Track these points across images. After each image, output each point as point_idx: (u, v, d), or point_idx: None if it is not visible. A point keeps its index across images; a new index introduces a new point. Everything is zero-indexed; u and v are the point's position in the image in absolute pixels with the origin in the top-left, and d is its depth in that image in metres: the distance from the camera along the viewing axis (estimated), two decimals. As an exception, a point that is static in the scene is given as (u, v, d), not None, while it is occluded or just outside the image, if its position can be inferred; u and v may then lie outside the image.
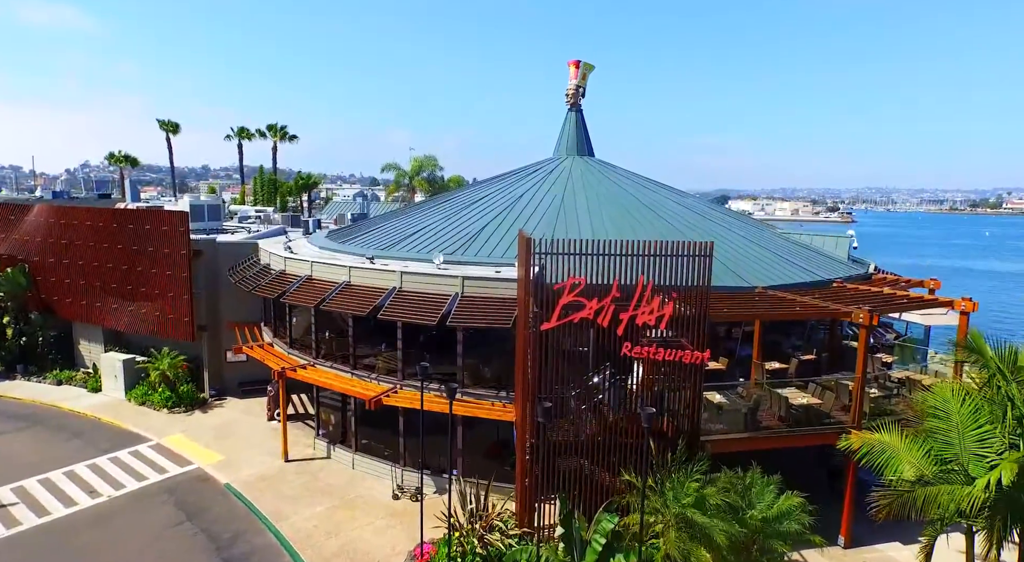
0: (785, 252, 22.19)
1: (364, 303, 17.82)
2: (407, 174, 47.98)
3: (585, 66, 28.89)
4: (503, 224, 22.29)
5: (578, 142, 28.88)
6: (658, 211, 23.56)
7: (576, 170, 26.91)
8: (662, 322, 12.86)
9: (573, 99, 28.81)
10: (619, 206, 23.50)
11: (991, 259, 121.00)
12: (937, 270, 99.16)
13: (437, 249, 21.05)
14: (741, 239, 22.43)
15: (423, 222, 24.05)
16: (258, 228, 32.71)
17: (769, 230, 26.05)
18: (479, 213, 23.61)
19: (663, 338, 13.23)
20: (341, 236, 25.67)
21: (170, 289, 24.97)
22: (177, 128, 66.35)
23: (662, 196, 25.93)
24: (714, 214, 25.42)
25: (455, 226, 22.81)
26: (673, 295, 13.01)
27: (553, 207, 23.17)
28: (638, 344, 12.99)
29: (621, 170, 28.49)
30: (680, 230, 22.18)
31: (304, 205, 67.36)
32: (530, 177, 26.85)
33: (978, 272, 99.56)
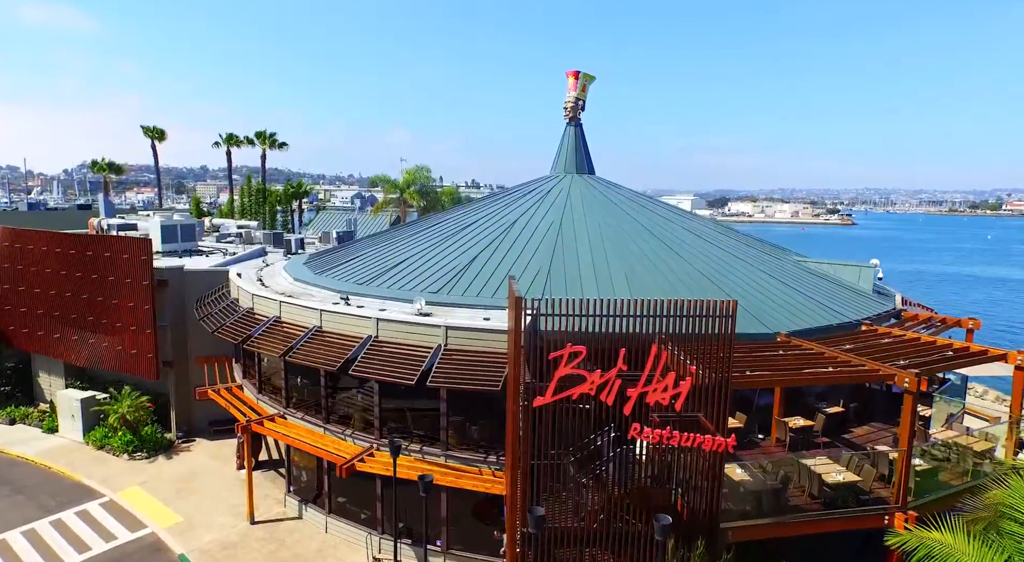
0: (806, 287, 20.13)
1: (335, 355, 15.72)
2: (398, 186, 45.91)
3: (585, 77, 26.85)
4: (494, 256, 20.20)
5: (577, 159, 26.82)
6: (665, 239, 21.49)
7: (575, 190, 24.85)
8: (678, 401, 10.80)
9: (572, 112, 26.77)
10: (622, 234, 21.42)
11: (998, 265, 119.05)
12: (944, 278, 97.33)
13: (420, 286, 18.98)
14: (758, 272, 20.37)
15: (407, 251, 21.96)
16: (236, 250, 30.61)
17: (785, 257, 23.98)
18: (468, 241, 21.53)
19: (678, 415, 11.17)
20: (320, 264, 23.57)
21: (132, 322, 22.86)
22: (163, 135, 64.18)
23: (667, 220, 23.86)
24: (725, 240, 23.35)
25: (441, 257, 20.72)
26: (692, 369, 10.94)
27: (550, 236, 21.08)
28: (648, 425, 10.93)
29: (623, 190, 26.44)
30: (688, 260, 20.15)
31: (295, 214, 65.32)
32: (525, 199, 24.78)
33: (986, 280, 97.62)
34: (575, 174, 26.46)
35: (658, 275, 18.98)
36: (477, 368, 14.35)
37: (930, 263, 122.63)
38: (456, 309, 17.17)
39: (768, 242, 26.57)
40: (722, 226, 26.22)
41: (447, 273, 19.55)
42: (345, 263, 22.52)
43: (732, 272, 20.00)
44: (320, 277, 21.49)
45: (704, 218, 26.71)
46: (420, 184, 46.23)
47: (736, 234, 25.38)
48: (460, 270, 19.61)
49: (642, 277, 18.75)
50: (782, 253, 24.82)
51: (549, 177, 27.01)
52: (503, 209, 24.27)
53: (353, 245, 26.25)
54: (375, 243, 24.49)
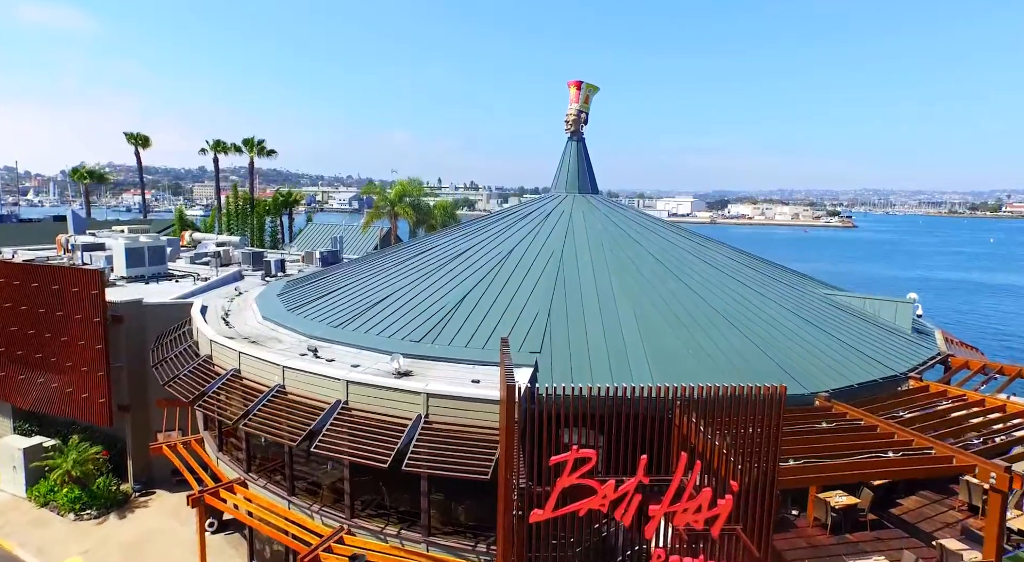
0: (839, 328, 17.75)
1: (297, 425, 13.32)
2: (389, 199, 43.50)
3: (588, 88, 24.52)
4: (487, 293, 17.81)
5: (579, 177, 24.48)
6: (677, 271, 19.10)
7: (577, 213, 22.48)
8: (715, 525, 8.41)
9: (574, 126, 24.44)
10: (629, 265, 19.04)
11: (1004, 271, 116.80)
12: (953, 286, 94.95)
13: (402, 331, 16.58)
14: (783, 312, 17.99)
15: (390, 284, 19.55)
16: (211, 273, 28.17)
17: (808, 288, 21.61)
18: (459, 275, 19.13)
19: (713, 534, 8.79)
20: (295, 298, 21.16)
21: (82, 362, 20.44)
22: (147, 141, 61.73)
23: (677, 247, 21.47)
24: (742, 270, 20.97)
25: (428, 294, 18.32)
26: (734, 485, 8.56)
27: (550, 269, 18.69)
28: (676, 552, 8.55)
29: (628, 212, 24.10)
30: (705, 298, 17.78)
31: (289, 221, 62.84)
32: (523, 222, 22.41)
33: (995, 288, 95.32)
34: (577, 194, 24.13)
35: (671, 317, 16.59)
36: (462, 449, 11.95)
37: (936, 269, 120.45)
38: (441, 364, 14.77)
39: (792, 271, 24.21)
40: (736, 252, 23.85)
41: (433, 315, 17.15)
42: (321, 298, 20.10)
43: (755, 312, 17.62)
44: (291, 316, 19.08)
45: (717, 243, 24.32)
46: (412, 197, 43.83)
47: (753, 261, 22.99)
48: (448, 312, 17.20)
49: (654, 320, 16.37)
50: (804, 283, 22.45)
51: (549, 197, 24.65)
52: (499, 234, 21.89)
53: (334, 272, 23.83)
54: (356, 273, 22.08)
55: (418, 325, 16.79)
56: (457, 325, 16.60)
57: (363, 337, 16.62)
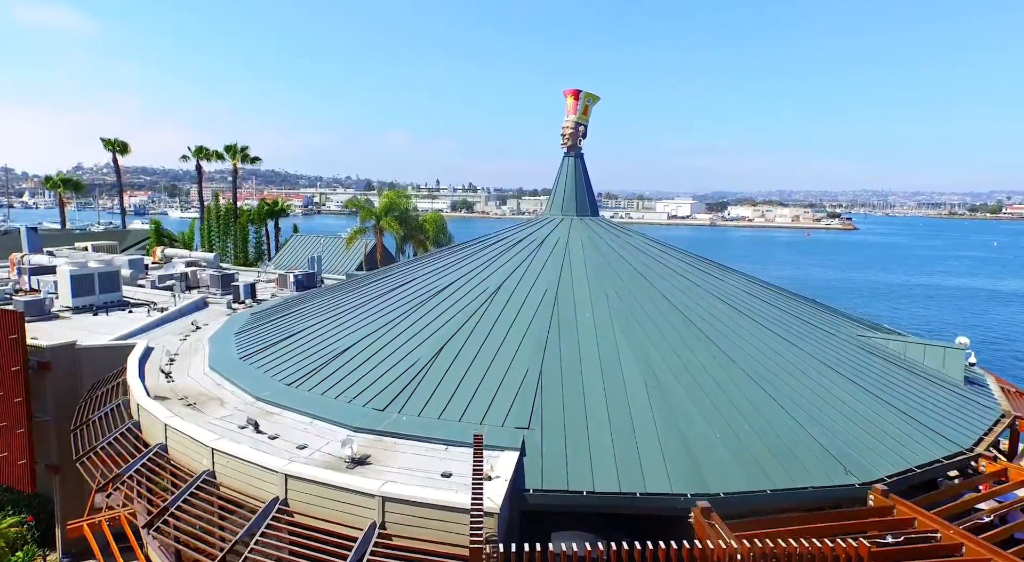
0: (884, 387, 15.00)
1: (227, 531, 10.58)
2: (374, 213, 40.70)
3: (587, 97, 21.86)
4: (468, 345, 15.06)
5: (578, 198, 21.78)
6: (693, 316, 16.36)
7: (575, 240, 19.78)
8: None
9: (571, 140, 21.76)
10: (636, 308, 16.31)
11: (1014, 278, 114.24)
12: (967, 294, 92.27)
13: (365, 394, 13.85)
14: (818, 366, 15.25)
15: (358, 329, 16.81)
16: (173, 300, 25.42)
17: (839, 326, 18.89)
18: (436, 319, 16.39)
19: None
20: (253, 339, 18.44)
21: (1, 417, 17.71)
22: (125, 148, 58.98)
23: (691, 283, 18.73)
24: (768, 310, 18.24)
25: (399, 344, 15.59)
26: None
27: (543, 313, 15.96)
28: None
29: (632, 237, 21.34)
30: (726, 351, 15.06)
31: (271, 235, 60.12)
32: (514, 251, 19.68)
33: (1007, 296, 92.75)
34: (575, 217, 21.42)
35: (687, 379, 13.85)
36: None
37: (946, 275, 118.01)
38: (407, 444, 12.05)
39: (815, 303, 21.49)
40: (754, 283, 21.14)
41: (403, 373, 14.40)
42: (279, 344, 17.34)
43: (787, 369, 14.87)
44: (242, 367, 16.33)
45: (735, 273, 21.61)
46: (398, 210, 41.04)
47: (773, 295, 20.27)
48: (421, 369, 14.45)
49: (667, 384, 13.62)
50: (833, 320, 19.72)
51: (543, 220, 21.92)
52: (485, 266, 19.16)
53: (300, 308, 21.08)
54: (323, 311, 19.35)
55: (384, 386, 14.04)
56: (430, 387, 13.85)
57: (319, 402, 13.87)
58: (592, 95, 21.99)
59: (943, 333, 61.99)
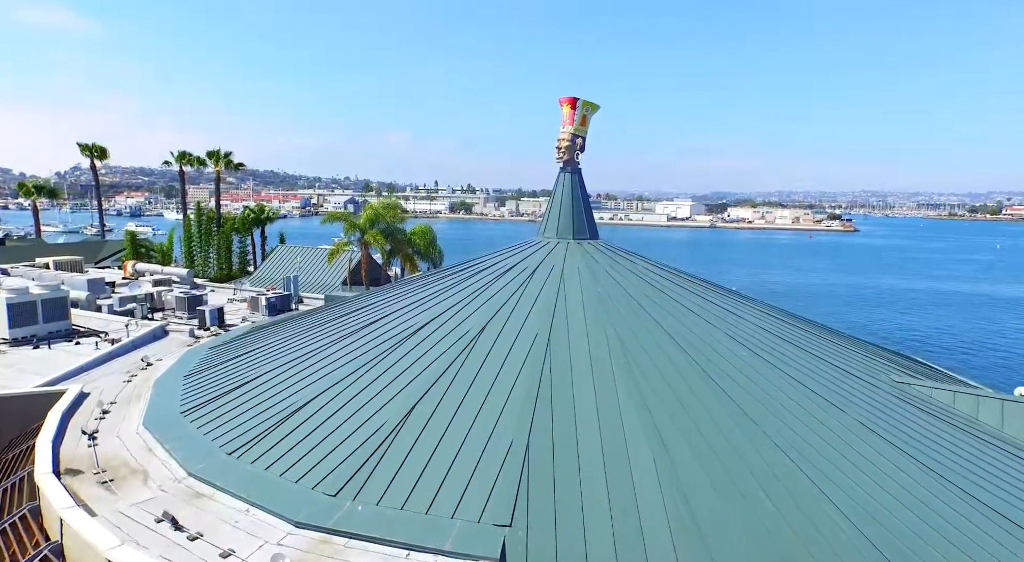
0: (941, 458, 12.65)
1: None
2: (358, 226, 38.22)
3: (585, 106, 19.57)
4: (442, 408, 12.71)
5: (575, 219, 19.49)
6: (711, 369, 14.02)
7: (571, 269, 17.46)
8: None
9: (567, 154, 19.48)
10: (644, 359, 13.96)
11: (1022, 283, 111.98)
12: (984, 301, 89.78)
13: (317, 470, 11.49)
14: (869, 436, 12.89)
15: (317, 380, 14.47)
16: (120, 334, 23.03)
17: (875, 366, 16.56)
18: (406, 370, 14.04)
19: None
20: (199, 389, 16.09)
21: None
22: (104, 152, 56.52)
23: (704, 319, 16.40)
24: (794, 355, 15.91)
25: (361, 402, 13.24)
26: None
27: (532, 363, 13.61)
28: None
29: (636, 263, 18.99)
30: (754, 418, 12.73)
31: (256, 244, 57.75)
32: (501, 282, 17.36)
33: (1018, 301, 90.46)
34: (571, 240, 19.12)
35: (706, 453, 11.49)
36: None
37: (953, 280, 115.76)
38: (359, 547, 9.69)
39: (843, 336, 19.16)
40: (776, 315, 18.82)
41: (363, 443, 12.04)
42: (227, 395, 14.99)
43: (817, 430, 12.54)
44: (182, 424, 13.98)
45: (752, 303, 19.30)
46: (384, 223, 38.61)
47: (799, 330, 17.93)
48: (386, 437, 12.10)
49: (683, 461, 11.27)
50: (866, 358, 17.39)
51: (536, 244, 19.59)
52: (469, 299, 16.83)
53: (262, 344, 18.72)
54: (284, 351, 17.00)
55: (341, 459, 11.68)
56: (395, 461, 11.49)
57: (260, 480, 11.50)
58: (591, 104, 19.70)
59: (964, 350, 59.69)
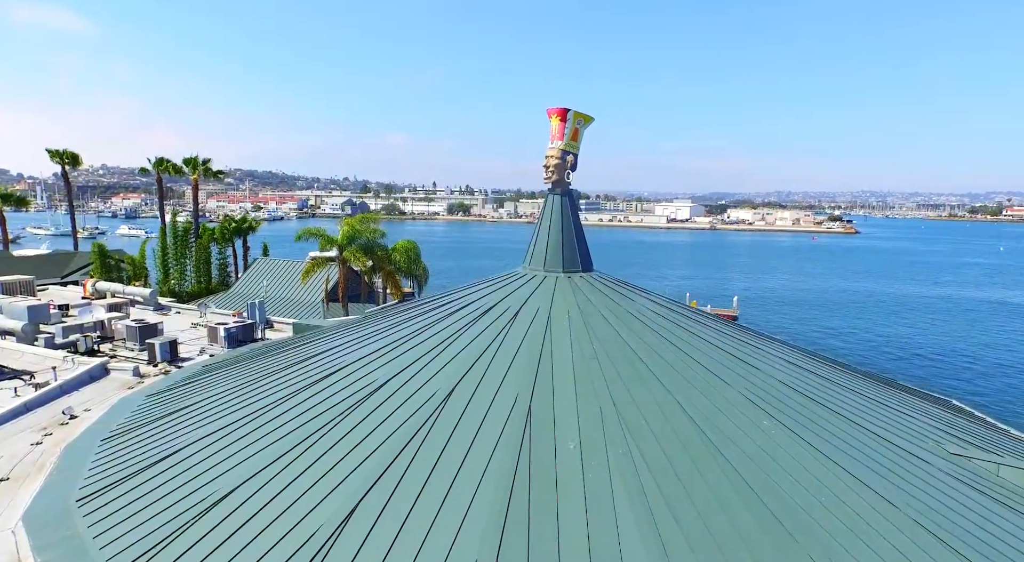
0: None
1: None
2: (335, 242, 35.41)
3: (577, 118, 16.98)
4: (391, 508, 10.08)
5: (565, 249, 16.87)
6: (734, 456, 11.42)
7: (560, 312, 14.87)
8: None
9: (556, 174, 16.95)
10: (646, 432, 11.37)
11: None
12: (1005, 308, 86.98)
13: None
14: (933, 545, 10.28)
15: (242, 463, 11.83)
16: (53, 374, 20.39)
17: (924, 430, 13.95)
18: (355, 450, 11.42)
19: None
20: (113, 458, 13.47)
21: None
22: (76, 159, 53.80)
23: (720, 377, 13.79)
24: (832, 424, 13.28)
25: (294, 495, 10.61)
26: None
27: (507, 447, 10.98)
28: None
29: (636, 301, 16.36)
30: (783, 521, 10.11)
31: (239, 255, 55.06)
32: (479, 327, 14.77)
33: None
34: (560, 273, 16.51)
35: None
36: None
37: (962, 285, 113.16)
38: None
39: (880, 377, 16.52)
40: (801, 363, 16.19)
41: (289, 558, 9.42)
42: (137, 477, 12.35)
43: (863, 533, 9.94)
44: (70, 518, 11.33)
45: (773, 346, 16.68)
46: (363, 239, 35.90)
47: (830, 383, 15.30)
48: (318, 550, 9.47)
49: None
50: (912, 420, 14.76)
51: (520, 277, 16.96)
52: (440, 349, 14.22)
53: (198, 400, 16.07)
54: (217, 414, 14.36)
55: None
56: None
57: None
58: (584, 116, 17.08)
59: (1005, 374, 56.54)
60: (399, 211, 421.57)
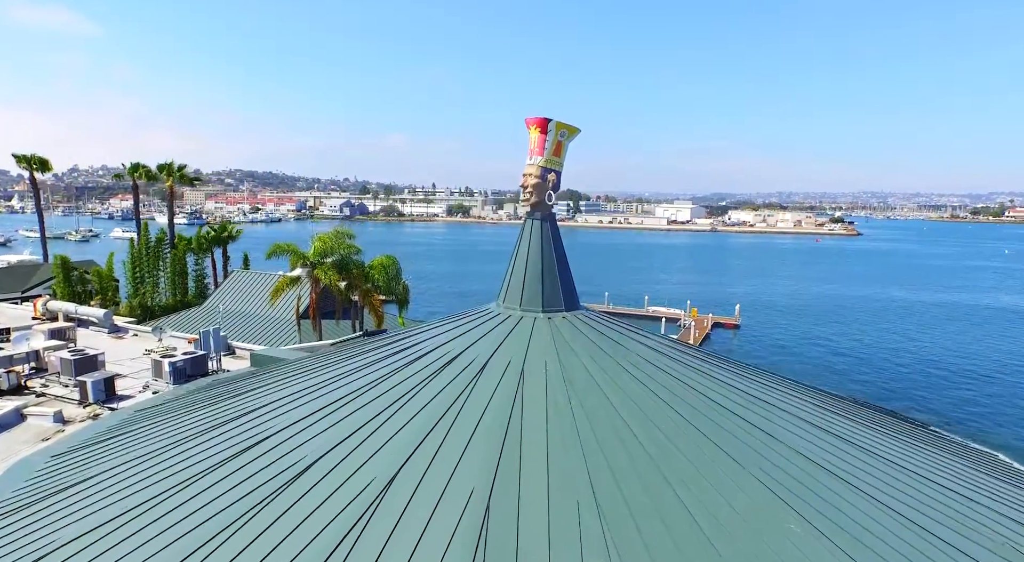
0: None
1: None
2: (307, 258, 32.69)
3: (561, 130, 14.48)
4: None
5: (545, 284, 14.35)
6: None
7: (536, 363, 12.37)
8: None
9: (535, 194, 14.49)
10: (637, 539, 8.78)
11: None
12: (1002, 316, 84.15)
13: None
14: None
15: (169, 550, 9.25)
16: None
17: (980, 509, 11.37)
18: (269, 556, 8.84)
19: None
20: (5, 538, 10.86)
21: None
22: (45, 164, 51.15)
23: (731, 451, 11.20)
24: (871, 517, 10.67)
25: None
26: None
27: None
28: None
29: (629, 350, 13.75)
30: None
31: (217, 266, 52.45)
32: (438, 384, 12.23)
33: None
34: (539, 313, 13.98)
35: None
36: None
37: (974, 291, 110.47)
38: None
39: (920, 424, 13.90)
40: (828, 425, 13.57)
41: None
42: None
43: None
44: None
45: (795, 391, 14.07)
46: (337, 256, 33.23)
47: (864, 453, 12.68)
48: None
49: None
50: (963, 504, 12.14)
51: (493, 316, 14.39)
52: (388, 413, 11.67)
53: (103, 468, 13.48)
54: (121, 489, 11.75)
55: None
56: None
57: None
58: (567, 126, 14.54)
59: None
60: (398, 213, 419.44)
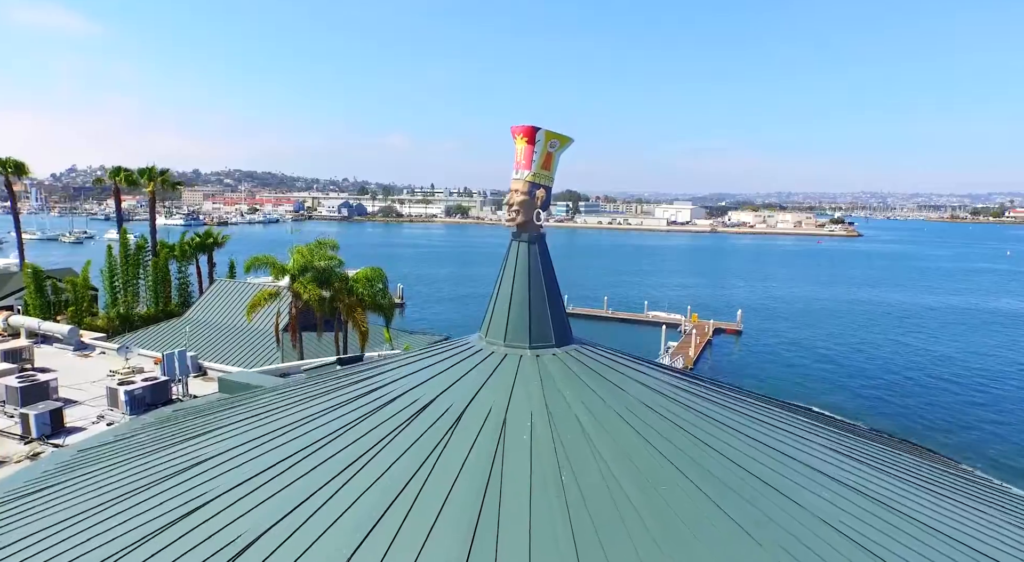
0: None
1: None
2: (287, 271, 30.95)
3: (551, 140, 12.85)
4: None
5: (533, 315, 12.70)
6: None
7: (520, 411, 10.73)
8: None
9: (523, 214, 12.87)
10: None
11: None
12: (1013, 323, 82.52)
13: None
14: None
15: None
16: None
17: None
18: None
19: None
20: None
21: None
22: (22, 168, 49.29)
23: (746, 526, 9.50)
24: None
25: None
26: None
27: None
28: None
29: (627, 393, 12.05)
30: None
31: (206, 271, 50.70)
32: (407, 437, 10.58)
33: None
34: (526, 350, 12.35)
35: None
36: None
37: (980, 294, 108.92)
38: None
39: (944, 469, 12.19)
40: (855, 464, 11.88)
41: None
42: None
43: None
44: None
45: (813, 430, 12.35)
46: (317, 270, 31.49)
47: (894, 514, 10.96)
48: None
49: None
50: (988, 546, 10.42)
51: (474, 352, 12.73)
52: (348, 473, 9.97)
53: (30, 521, 11.74)
54: None
55: None
56: None
57: None
58: (558, 136, 12.88)
59: None
60: (396, 213, 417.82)
